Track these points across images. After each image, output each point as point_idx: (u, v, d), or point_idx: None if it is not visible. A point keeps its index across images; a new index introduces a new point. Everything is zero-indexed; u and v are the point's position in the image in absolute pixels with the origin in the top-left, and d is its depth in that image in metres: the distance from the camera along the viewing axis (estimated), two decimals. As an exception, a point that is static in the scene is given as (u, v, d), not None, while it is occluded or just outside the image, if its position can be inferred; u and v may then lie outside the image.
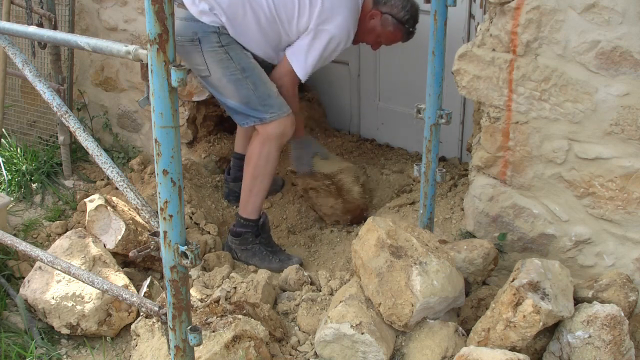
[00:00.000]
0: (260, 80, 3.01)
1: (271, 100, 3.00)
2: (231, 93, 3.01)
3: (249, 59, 3.00)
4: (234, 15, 2.93)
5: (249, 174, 3.10)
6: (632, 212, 2.38)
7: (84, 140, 2.14)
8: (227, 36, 2.95)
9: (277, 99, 3.02)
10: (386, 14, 3.15)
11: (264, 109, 2.99)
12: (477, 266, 2.52)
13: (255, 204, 3.13)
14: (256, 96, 2.99)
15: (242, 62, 2.98)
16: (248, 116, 3.03)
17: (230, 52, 2.96)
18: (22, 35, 2.23)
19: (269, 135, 3.02)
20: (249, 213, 3.14)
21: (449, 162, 3.71)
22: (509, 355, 2.03)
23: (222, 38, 2.95)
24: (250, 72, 2.99)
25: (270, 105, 3.00)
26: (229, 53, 2.96)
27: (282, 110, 3.02)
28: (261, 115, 3.00)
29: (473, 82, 2.57)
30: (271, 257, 3.15)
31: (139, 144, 4.06)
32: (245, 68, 2.98)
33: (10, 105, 4.01)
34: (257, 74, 3.01)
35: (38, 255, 2.35)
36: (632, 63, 2.22)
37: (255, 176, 3.08)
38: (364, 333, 2.19)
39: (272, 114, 3.00)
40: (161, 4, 1.58)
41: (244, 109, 3.02)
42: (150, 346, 2.34)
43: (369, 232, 2.38)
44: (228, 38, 2.96)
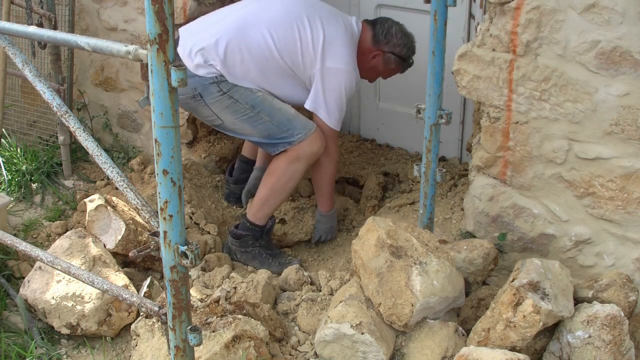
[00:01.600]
0: (273, 108, 2.98)
1: (292, 123, 2.97)
2: (250, 131, 3.00)
3: (254, 94, 2.97)
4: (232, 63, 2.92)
5: (268, 185, 3.07)
6: (632, 212, 2.38)
7: (84, 140, 2.14)
8: (226, 83, 2.94)
9: (297, 120, 2.99)
10: (388, 53, 3.15)
11: (288, 133, 2.97)
12: (477, 266, 2.52)
13: (266, 213, 3.12)
14: (275, 126, 2.97)
15: (248, 100, 2.95)
16: (276, 144, 3.01)
17: (234, 96, 2.94)
18: (22, 35, 2.23)
19: (299, 156, 2.99)
20: (258, 219, 3.12)
21: (449, 162, 3.71)
22: (509, 355, 2.03)
23: (222, 86, 2.93)
24: (261, 106, 2.96)
25: (293, 127, 2.97)
26: (234, 97, 2.94)
27: (306, 128, 2.98)
28: (289, 140, 2.98)
29: (473, 82, 2.57)
30: (271, 260, 3.14)
31: (139, 144, 4.06)
32: (254, 104, 2.96)
33: (10, 105, 4.01)
34: (268, 104, 2.98)
35: (38, 255, 2.35)
36: (632, 63, 2.22)
37: (274, 189, 3.06)
38: (364, 333, 2.19)
39: (298, 135, 2.97)
40: (161, 4, 1.58)
41: (269, 140, 3.00)
42: (150, 346, 2.34)
43: (369, 232, 2.38)
44: (228, 85, 2.94)
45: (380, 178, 3.65)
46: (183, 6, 3.46)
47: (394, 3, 3.75)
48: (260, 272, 2.74)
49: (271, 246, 3.21)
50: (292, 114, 3.00)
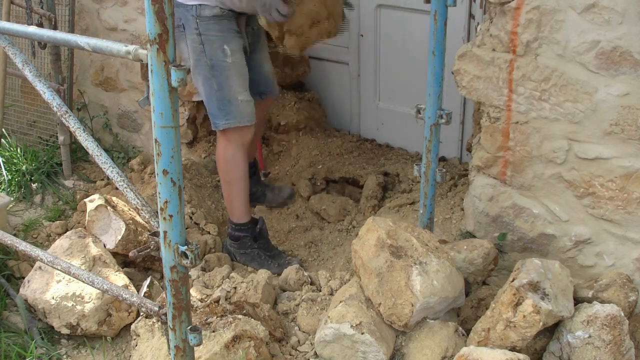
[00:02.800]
0: (228, 83, 2.90)
1: (231, 107, 2.92)
2: (200, 87, 2.96)
3: (224, 56, 2.88)
4: None
5: (222, 180, 3.10)
6: (632, 212, 2.38)
7: (84, 140, 2.14)
8: (205, 23, 2.84)
9: (238, 107, 2.93)
10: None
11: (220, 113, 2.93)
12: (477, 266, 2.52)
13: (240, 208, 3.11)
14: (217, 98, 2.91)
15: (213, 58, 2.87)
16: (210, 118, 3.00)
17: (205, 44, 2.86)
18: (22, 35, 2.24)
19: (228, 140, 2.99)
20: (238, 217, 3.12)
21: (449, 162, 3.71)
22: (509, 355, 2.03)
23: (200, 25, 2.85)
24: (219, 72, 2.89)
25: (228, 112, 2.92)
26: (204, 45, 2.86)
27: (238, 119, 2.94)
28: (216, 120, 2.95)
29: (473, 82, 2.57)
30: (270, 262, 3.12)
31: (139, 144, 4.06)
32: (215, 66, 2.88)
33: (10, 105, 4.01)
34: (226, 75, 2.89)
35: (38, 255, 2.35)
36: (632, 63, 2.22)
37: (228, 181, 3.07)
38: (364, 333, 2.19)
39: (227, 121, 2.93)
40: (161, 4, 1.58)
41: (207, 107, 2.98)
42: (150, 346, 2.34)
43: (369, 232, 2.38)
44: (207, 25, 2.85)
45: (380, 178, 3.64)
46: (183, 6, 3.46)
47: (394, 3, 3.75)
48: (260, 272, 2.74)
49: (269, 247, 3.20)
50: (240, 100, 2.93)
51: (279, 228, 3.55)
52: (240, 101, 2.94)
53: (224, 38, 2.89)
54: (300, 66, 4.15)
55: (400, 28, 3.77)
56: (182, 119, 3.70)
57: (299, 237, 3.50)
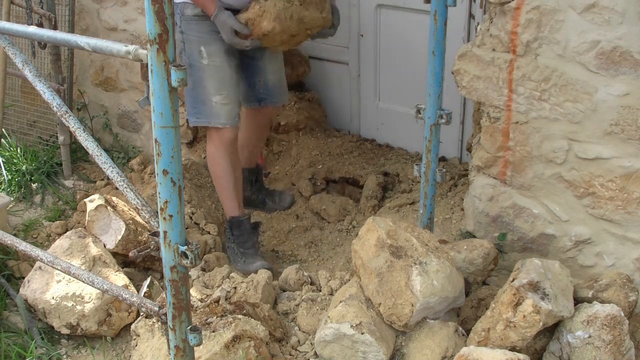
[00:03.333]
0: (202, 84, 2.94)
1: (203, 107, 2.97)
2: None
3: (201, 58, 2.92)
4: None
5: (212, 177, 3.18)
6: (632, 212, 2.38)
7: (84, 140, 2.14)
8: (187, 22, 2.89)
9: (211, 109, 2.96)
10: None
11: (192, 110, 3.01)
12: (477, 266, 2.52)
13: (226, 202, 3.16)
14: (190, 96, 2.99)
15: (191, 58, 2.92)
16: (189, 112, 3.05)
17: (185, 43, 2.93)
18: (22, 35, 2.24)
19: (209, 139, 3.08)
20: (227, 211, 3.19)
21: (449, 162, 3.71)
22: (509, 355, 2.03)
23: (183, 24, 2.90)
24: (194, 72, 2.92)
25: (199, 110, 2.99)
26: (184, 44, 2.93)
27: (209, 120, 2.99)
28: (189, 117, 3.04)
29: (473, 82, 2.57)
30: (239, 258, 3.11)
31: (139, 144, 4.06)
32: (192, 65, 2.92)
33: (10, 105, 4.01)
34: (199, 76, 2.93)
35: (38, 255, 2.35)
36: (632, 63, 2.22)
37: (213, 178, 3.17)
38: (364, 333, 2.19)
39: (197, 119, 3.01)
40: (161, 4, 1.58)
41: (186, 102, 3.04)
42: (150, 346, 2.34)
43: (369, 232, 2.38)
44: (188, 24, 2.89)
45: (380, 178, 3.64)
46: (183, 6, 3.45)
47: (394, 3, 3.75)
48: (260, 272, 2.74)
49: (247, 244, 3.14)
50: (214, 102, 2.96)
51: (279, 228, 3.55)
52: (214, 103, 2.97)
53: (202, 39, 2.92)
54: (300, 66, 4.15)
55: (400, 28, 3.77)
56: (182, 119, 3.69)
57: (299, 237, 3.50)
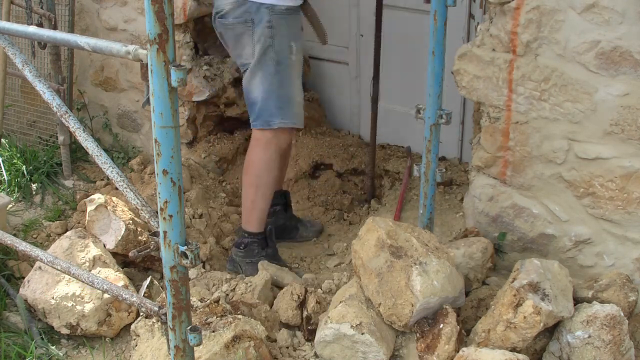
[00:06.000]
0: (291, 81, 2.85)
1: (289, 106, 2.85)
2: (257, 83, 2.83)
3: (291, 54, 2.81)
4: None
5: (250, 184, 2.93)
6: (632, 212, 2.38)
7: (84, 140, 2.14)
8: (279, 17, 2.77)
9: (296, 109, 2.87)
10: None
11: (277, 112, 2.83)
12: (476, 260, 2.51)
13: (260, 216, 2.97)
14: (277, 95, 2.82)
15: (281, 54, 2.80)
16: (260, 116, 2.85)
17: (275, 39, 2.77)
18: (22, 35, 2.23)
19: (269, 143, 2.87)
20: (254, 227, 2.97)
21: (449, 162, 3.72)
22: (509, 355, 2.03)
23: (274, 18, 2.76)
24: (284, 69, 2.81)
25: (286, 111, 2.84)
26: (274, 39, 2.77)
27: (294, 120, 2.88)
28: (272, 119, 2.84)
29: (473, 82, 2.57)
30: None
31: (139, 144, 4.06)
32: (281, 62, 2.80)
33: (10, 105, 4.01)
34: (289, 73, 2.83)
35: (38, 255, 2.35)
36: (632, 63, 2.22)
37: (257, 186, 2.92)
38: (364, 333, 2.19)
39: (282, 120, 2.84)
40: (161, 4, 1.58)
41: (261, 105, 2.84)
42: (150, 346, 2.34)
43: (369, 232, 2.38)
44: (280, 19, 2.77)
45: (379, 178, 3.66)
46: (183, 6, 3.46)
47: (394, 3, 3.75)
48: (260, 275, 2.71)
49: (277, 257, 3.04)
50: (298, 102, 2.88)
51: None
52: (298, 102, 2.89)
53: (291, 34, 2.83)
54: (299, 66, 4.15)
55: (400, 28, 3.77)
56: (182, 119, 3.70)
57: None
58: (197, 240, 3.11)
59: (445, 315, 2.19)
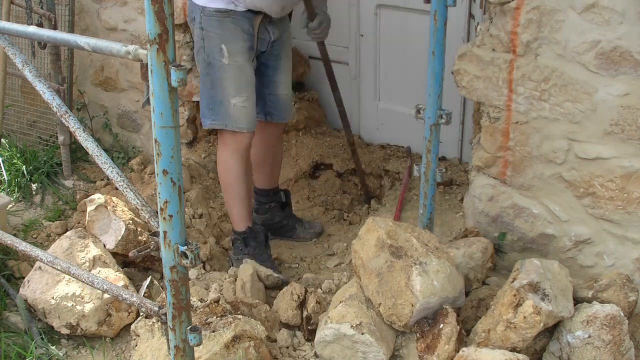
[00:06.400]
0: (221, 84, 2.82)
1: (221, 108, 2.84)
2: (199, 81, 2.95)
3: (221, 56, 2.79)
4: None
5: (222, 186, 3.06)
6: (632, 212, 2.38)
7: (84, 140, 2.14)
8: (208, 18, 2.78)
9: (229, 110, 2.83)
10: None
11: (208, 112, 2.88)
12: (476, 260, 2.51)
13: (238, 215, 3.02)
14: (208, 96, 2.86)
15: (211, 56, 2.81)
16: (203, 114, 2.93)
17: (205, 40, 2.81)
18: (22, 35, 2.23)
19: (223, 144, 2.94)
20: (235, 224, 3.06)
21: (449, 162, 3.72)
22: (508, 355, 2.03)
23: (203, 20, 2.80)
24: (214, 71, 2.82)
25: (216, 112, 2.85)
26: (204, 41, 2.82)
27: (225, 122, 2.86)
28: (203, 118, 2.92)
29: (473, 82, 2.57)
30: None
31: (139, 144, 4.06)
32: (211, 64, 2.82)
33: (10, 105, 4.01)
34: (219, 76, 2.82)
35: (38, 255, 2.35)
36: (632, 63, 2.22)
37: (223, 186, 3.03)
38: (364, 333, 2.19)
39: (213, 121, 2.87)
40: (161, 4, 1.58)
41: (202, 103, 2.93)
42: (150, 346, 2.34)
43: (369, 232, 2.38)
44: (209, 21, 2.78)
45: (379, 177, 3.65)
46: (183, 6, 3.46)
47: (394, 3, 3.75)
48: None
49: (262, 256, 3.01)
50: (232, 103, 2.83)
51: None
52: (233, 105, 2.84)
53: (223, 37, 2.79)
54: (300, 66, 4.15)
55: (400, 28, 3.77)
56: (182, 119, 3.70)
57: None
58: (197, 240, 3.12)
59: (445, 315, 2.19)
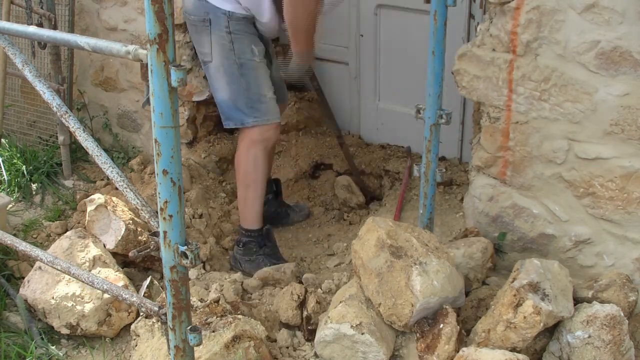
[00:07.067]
0: (256, 81, 2.92)
1: (260, 105, 2.92)
2: (223, 85, 2.94)
3: (253, 55, 2.91)
4: None
5: (240, 183, 3.04)
6: (632, 212, 2.38)
7: (84, 141, 2.14)
8: (236, 23, 2.86)
9: (266, 105, 2.94)
10: None
11: (249, 111, 2.91)
12: (476, 260, 2.52)
13: (254, 213, 3.04)
14: (245, 97, 2.91)
15: (242, 57, 2.89)
16: (230, 117, 2.97)
17: (235, 43, 2.87)
18: (22, 35, 2.23)
19: (253, 140, 2.95)
20: (250, 223, 3.06)
21: (449, 162, 3.72)
22: (508, 355, 2.03)
23: (232, 24, 2.86)
24: (248, 71, 2.90)
25: (257, 109, 2.92)
26: (234, 43, 2.87)
27: (267, 117, 2.94)
28: (243, 119, 2.93)
29: (473, 82, 2.57)
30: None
31: (139, 144, 4.06)
32: (244, 65, 2.89)
33: (10, 105, 4.01)
34: (254, 74, 2.92)
35: (38, 255, 2.35)
36: (632, 63, 2.22)
37: (247, 184, 3.01)
38: (364, 333, 2.19)
39: (256, 119, 2.92)
40: (161, 4, 1.58)
41: (230, 106, 2.95)
42: (150, 346, 2.34)
43: (369, 232, 2.38)
44: (237, 25, 2.87)
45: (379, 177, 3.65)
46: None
47: (394, 3, 3.75)
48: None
49: (277, 255, 3.10)
50: (268, 97, 2.95)
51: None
52: (269, 99, 2.95)
53: (251, 38, 2.92)
54: (300, 66, 4.15)
55: (400, 28, 3.77)
56: (182, 119, 3.70)
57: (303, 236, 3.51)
58: (197, 240, 3.12)
59: (445, 315, 2.19)
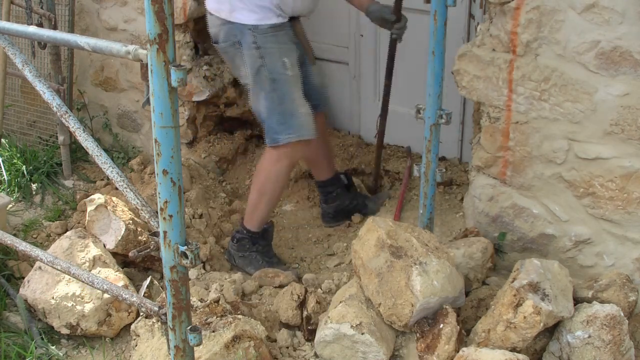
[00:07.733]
0: (290, 96, 2.83)
1: (293, 121, 2.83)
2: (261, 101, 2.87)
3: (285, 69, 2.82)
4: None
5: (257, 189, 3.00)
6: (632, 212, 2.38)
7: (84, 140, 2.14)
8: (263, 36, 2.79)
9: (300, 120, 2.83)
10: None
11: (281, 128, 2.82)
12: (476, 260, 2.52)
13: (259, 218, 3.03)
14: (278, 112, 2.83)
15: (274, 72, 2.80)
16: (267, 133, 2.87)
17: (265, 58, 2.80)
18: (22, 35, 2.23)
19: (280, 155, 2.88)
20: (252, 225, 3.05)
21: (449, 162, 3.72)
22: (508, 355, 2.03)
23: (258, 38, 2.78)
24: (281, 85, 2.82)
25: (290, 125, 2.82)
26: (264, 58, 2.80)
27: (300, 133, 2.84)
28: (276, 135, 2.84)
29: (473, 82, 2.57)
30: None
31: (139, 144, 4.06)
32: (276, 79, 2.81)
33: (10, 105, 4.01)
34: (287, 88, 2.83)
35: (38, 255, 2.35)
36: (632, 63, 2.22)
37: (263, 193, 2.97)
38: (364, 333, 2.19)
39: (289, 135, 2.83)
40: (161, 4, 1.58)
41: (266, 122, 2.87)
42: (150, 346, 2.34)
43: (369, 232, 2.38)
44: (265, 37, 2.79)
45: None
46: (183, 6, 3.46)
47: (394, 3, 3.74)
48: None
49: (269, 253, 3.11)
50: (302, 112, 2.85)
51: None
52: (302, 114, 2.85)
53: (282, 50, 2.83)
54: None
55: (400, 28, 3.76)
56: (182, 119, 3.70)
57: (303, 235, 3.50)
58: (197, 240, 3.12)
59: (445, 315, 2.19)
